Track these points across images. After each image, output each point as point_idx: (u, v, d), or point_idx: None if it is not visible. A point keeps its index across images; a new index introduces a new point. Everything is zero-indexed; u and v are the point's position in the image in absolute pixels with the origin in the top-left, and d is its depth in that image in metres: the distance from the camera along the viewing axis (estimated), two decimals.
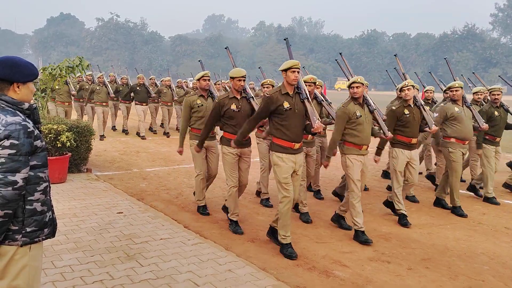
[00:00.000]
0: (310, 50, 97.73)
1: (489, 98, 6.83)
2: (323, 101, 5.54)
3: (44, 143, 2.22)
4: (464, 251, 4.57)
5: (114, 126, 13.18)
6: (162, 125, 13.65)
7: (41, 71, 7.97)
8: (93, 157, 8.58)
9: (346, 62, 5.30)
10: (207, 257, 4.03)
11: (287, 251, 4.20)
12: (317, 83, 5.53)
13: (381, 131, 5.04)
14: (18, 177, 2.03)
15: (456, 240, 4.88)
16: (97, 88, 11.28)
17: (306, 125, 4.29)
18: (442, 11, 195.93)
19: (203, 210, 5.50)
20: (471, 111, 6.06)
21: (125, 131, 12.52)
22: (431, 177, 7.52)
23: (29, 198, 2.13)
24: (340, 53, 5.59)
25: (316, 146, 5.85)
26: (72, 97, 10.98)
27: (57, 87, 9.97)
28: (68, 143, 6.51)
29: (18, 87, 2.16)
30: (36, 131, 2.16)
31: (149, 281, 3.52)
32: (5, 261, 2.11)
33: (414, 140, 5.44)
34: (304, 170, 5.24)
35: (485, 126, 6.14)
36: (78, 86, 11.86)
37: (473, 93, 7.32)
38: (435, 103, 8.09)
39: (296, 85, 4.13)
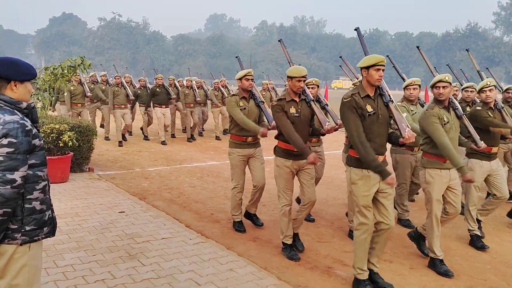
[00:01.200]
0: (312, 49, 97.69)
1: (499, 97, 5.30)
2: (327, 105, 5.26)
3: (42, 142, 2.23)
4: (466, 250, 4.56)
5: (131, 132, 12.10)
6: (184, 129, 12.41)
7: (44, 70, 8.00)
8: (95, 156, 8.60)
9: (348, 63, 5.15)
10: (208, 257, 4.03)
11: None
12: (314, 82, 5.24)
13: (470, 140, 4.27)
14: (17, 176, 2.04)
15: (458, 239, 4.87)
16: (116, 89, 10.41)
17: (313, 127, 4.14)
18: (445, 10, 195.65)
19: (238, 226, 4.91)
20: (502, 115, 4.80)
21: (146, 138, 11.57)
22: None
23: (28, 197, 2.14)
24: (340, 56, 5.32)
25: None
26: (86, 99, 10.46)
27: (72, 88, 9.69)
28: (70, 143, 6.51)
29: (15, 85, 2.17)
30: (34, 130, 2.17)
31: (151, 280, 3.52)
32: (4, 260, 2.11)
33: (495, 149, 4.63)
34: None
35: None
36: (93, 86, 11.24)
37: (463, 90, 6.10)
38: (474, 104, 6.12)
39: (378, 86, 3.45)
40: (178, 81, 12.64)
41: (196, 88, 11.63)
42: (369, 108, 3.35)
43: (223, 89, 12.38)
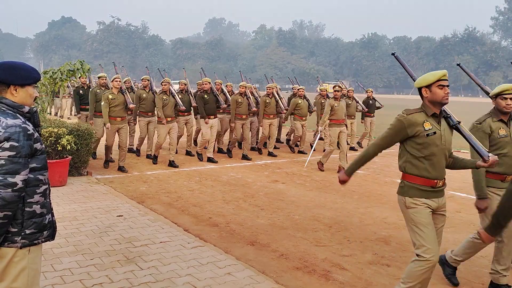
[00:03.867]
0: (310, 53, 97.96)
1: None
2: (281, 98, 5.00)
3: (43, 146, 2.24)
4: None
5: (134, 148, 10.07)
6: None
7: (43, 74, 8.01)
8: (93, 160, 8.61)
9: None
10: (206, 260, 4.03)
11: None
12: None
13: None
14: (18, 179, 2.04)
15: (456, 243, 4.86)
16: (144, 95, 8.99)
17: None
18: (443, 15, 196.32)
19: None
20: None
21: (189, 153, 9.96)
22: None
23: (28, 200, 2.14)
24: (393, 53, 4.42)
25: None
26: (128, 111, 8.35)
27: (110, 96, 7.72)
28: (69, 147, 6.52)
29: (15, 90, 2.18)
30: (36, 134, 2.18)
31: (149, 284, 3.52)
32: (4, 263, 2.12)
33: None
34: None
35: None
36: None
37: None
38: None
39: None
40: (226, 86, 10.60)
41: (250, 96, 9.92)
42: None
43: (277, 96, 10.49)
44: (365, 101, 11.89)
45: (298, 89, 10.70)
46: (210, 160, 9.19)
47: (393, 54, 3.58)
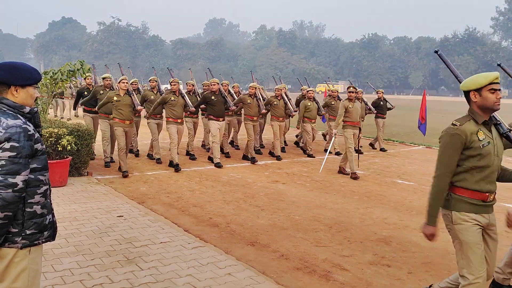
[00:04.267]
0: (311, 54, 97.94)
1: None
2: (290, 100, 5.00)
3: (44, 146, 2.24)
4: None
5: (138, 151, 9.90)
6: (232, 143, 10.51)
7: (43, 75, 8.02)
8: (94, 160, 8.60)
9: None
10: (207, 261, 4.03)
11: None
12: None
13: None
14: (18, 180, 2.05)
15: None
16: (152, 96, 8.89)
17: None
18: (443, 15, 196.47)
19: None
20: None
21: (192, 156, 9.54)
22: None
23: (29, 201, 2.15)
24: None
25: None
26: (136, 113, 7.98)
27: (115, 98, 7.50)
28: (69, 147, 6.52)
29: (16, 90, 2.18)
30: (37, 135, 2.18)
31: (149, 284, 3.52)
32: (4, 264, 2.12)
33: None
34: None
35: None
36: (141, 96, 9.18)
37: None
38: None
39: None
40: (233, 87, 10.49)
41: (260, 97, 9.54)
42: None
43: (285, 98, 10.07)
44: (375, 102, 11.53)
45: (308, 91, 10.28)
46: (210, 159, 9.19)
47: (436, 52, 3.23)
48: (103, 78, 8.69)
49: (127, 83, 7.64)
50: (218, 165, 8.69)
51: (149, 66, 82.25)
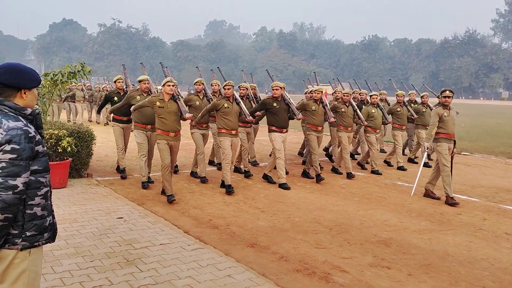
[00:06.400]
0: (311, 56, 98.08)
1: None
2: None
3: (45, 148, 2.24)
4: (465, 257, 4.56)
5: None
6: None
7: (43, 76, 8.02)
8: (94, 162, 8.60)
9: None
10: (206, 263, 4.03)
11: None
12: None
13: None
14: (19, 182, 2.05)
15: (457, 246, 4.87)
16: (197, 102, 7.69)
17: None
18: (444, 17, 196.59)
19: None
20: None
21: (246, 174, 8.20)
22: None
23: (29, 203, 2.15)
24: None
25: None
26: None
27: (158, 104, 6.13)
28: (69, 148, 6.53)
29: (25, 93, 2.20)
30: (38, 136, 2.18)
31: (149, 286, 3.52)
32: (4, 265, 2.12)
33: None
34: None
35: None
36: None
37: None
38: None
39: None
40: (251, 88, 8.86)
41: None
42: None
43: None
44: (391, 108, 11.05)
45: (371, 96, 8.88)
46: (211, 163, 9.12)
47: None
48: (140, 81, 7.30)
49: (173, 86, 6.18)
50: (285, 186, 7.20)
51: (150, 67, 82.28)
